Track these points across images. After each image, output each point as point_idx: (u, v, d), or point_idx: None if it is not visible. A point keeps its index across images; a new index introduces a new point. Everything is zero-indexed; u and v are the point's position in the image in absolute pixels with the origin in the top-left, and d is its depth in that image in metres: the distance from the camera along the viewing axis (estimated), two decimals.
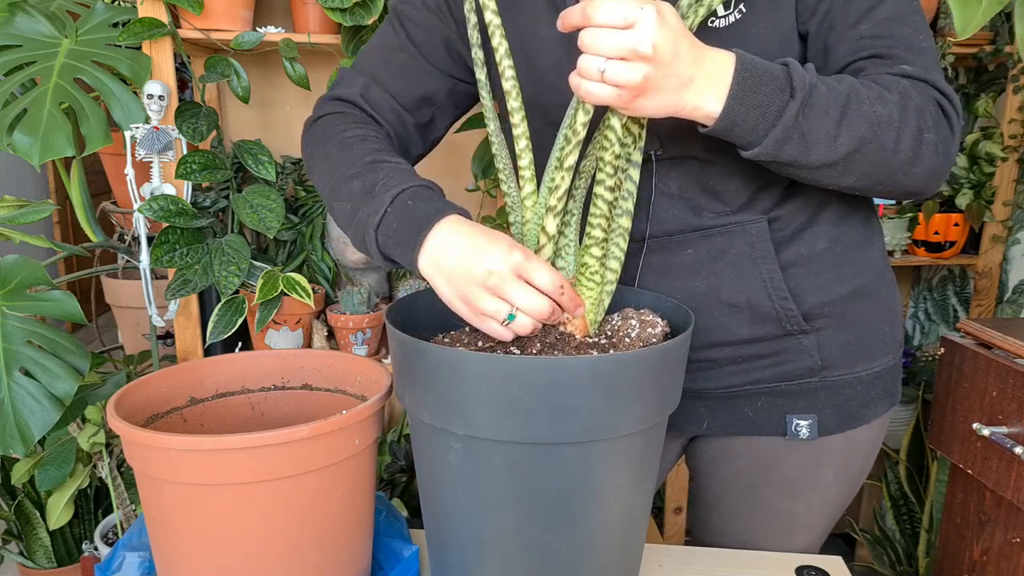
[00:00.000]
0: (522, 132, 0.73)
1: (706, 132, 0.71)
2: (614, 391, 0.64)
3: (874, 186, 0.75)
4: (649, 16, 0.61)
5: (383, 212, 0.73)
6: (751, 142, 0.70)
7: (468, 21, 0.77)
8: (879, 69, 0.75)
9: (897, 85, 0.73)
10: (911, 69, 0.75)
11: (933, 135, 0.74)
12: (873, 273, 0.89)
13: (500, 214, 1.70)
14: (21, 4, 1.31)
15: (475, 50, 0.77)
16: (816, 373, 0.88)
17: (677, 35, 0.63)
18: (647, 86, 0.63)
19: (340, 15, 1.44)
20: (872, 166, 0.73)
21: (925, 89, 0.74)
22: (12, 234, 1.35)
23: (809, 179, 0.75)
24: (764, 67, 0.69)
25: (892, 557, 1.97)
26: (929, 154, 0.74)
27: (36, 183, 3.48)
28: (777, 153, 0.71)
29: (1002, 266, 1.92)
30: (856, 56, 0.77)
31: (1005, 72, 1.80)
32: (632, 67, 0.62)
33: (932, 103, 0.74)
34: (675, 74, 0.64)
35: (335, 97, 0.90)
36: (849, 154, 0.71)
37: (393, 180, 0.75)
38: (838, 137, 0.70)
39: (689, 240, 0.86)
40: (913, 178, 0.75)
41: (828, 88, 0.70)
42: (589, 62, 0.63)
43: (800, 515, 0.94)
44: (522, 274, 0.67)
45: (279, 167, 1.66)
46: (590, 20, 0.62)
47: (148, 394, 0.82)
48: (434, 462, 0.72)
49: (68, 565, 1.66)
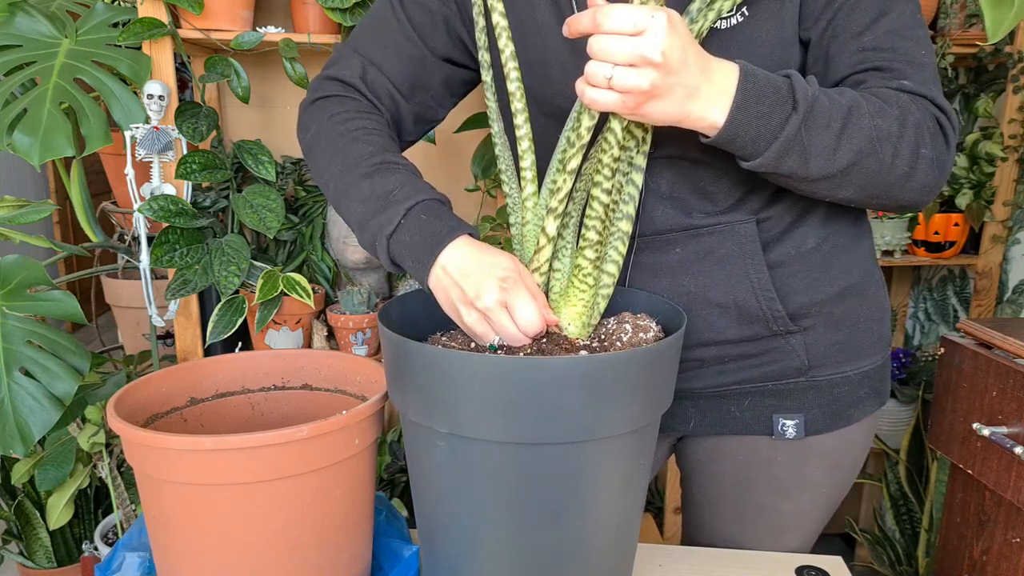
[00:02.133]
0: (525, 133, 0.73)
1: (708, 142, 0.71)
2: (599, 392, 0.64)
3: (869, 199, 0.76)
4: (660, 23, 0.61)
5: (397, 223, 0.75)
6: (752, 153, 0.70)
7: (476, 24, 0.77)
8: (879, 82, 0.76)
9: (897, 100, 0.73)
10: (911, 84, 0.75)
11: (930, 151, 0.74)
12: (862, 272, 0.89)
13: (500, 214, 1.70)
14: (21, 4, 1.31)
15: (482, 52, 0.77)
16: (803, 373, 0.88)
17: (686, 44, 0.63)
18: (653, 93, 0.63)
19: (340, 15, 1.44)
20: (869, 180, 0.73)
21: (924, 105, 0.75)
22: (12, 234, 1.35)
23: (807, 191, 0.75)
24: (767, 79, 0.69)
25: (892, 557, 1.97)
26: (925, 169, 0.74)
27: (36, 183, 3.48)
28: (777, 165, 0.71)
29: (1002, 266, 1.92)
30: (857, 68, 0.77)
31: (1005, 72, 1.80)
32: (640, 73, 0.62)
33: (930, 119, 0.75)
34: (682, 83, 0.64)
35: (333, 77, 0.89)
36: (847, 167, 0.72)
37: (407, 190, 0.77)
38: (837, 150, 0.71)
39: (678, 239, 0.86)
40: (908, 192, 0.75)
41: (830, 101, 0.71)
42: (597, 68, 0.63)
43: (789, 515, 0.94)
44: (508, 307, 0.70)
45: (279, 167, 1.66)
46: (600, 27, 0.62)
47: (148, 394, 0.82)
48: (422, 461, 0.73)
49: (68, 565, 1.66)
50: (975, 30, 1.77)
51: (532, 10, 0.84)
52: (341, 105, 0.86)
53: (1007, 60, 1.78)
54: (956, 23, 1.76)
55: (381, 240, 0.76)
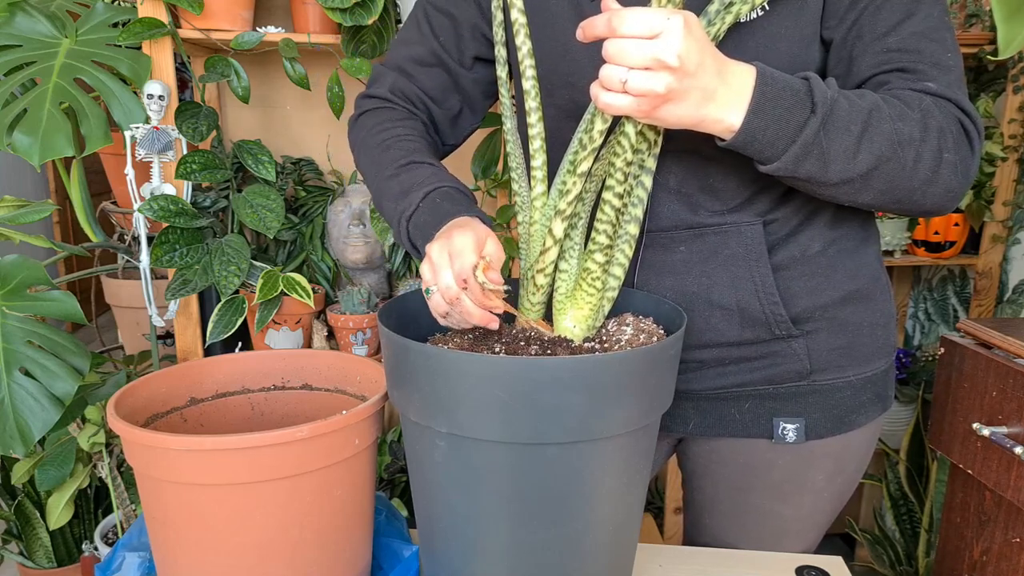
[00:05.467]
0: (537, 132, 0.72)
1: (724, 146, 0.70)
2: (596, 393, 0.64)
3: (891, 204, 0.75)
4: (676, 26, 0.60)
5: (416, 207, 0.79)
6: (769, 157, 0.70)
7: (494, 19, 0.78)
8: (902, 84, 0.74)
9: (919, 102, 0.72)
10: (935, 86, 0.74)
11: (953, 155, 0.73)
12: (867, 277, 0.88)
13: (500, 214, 1.70)
14: (21, 4, 1.31)
15: (498, 47, 0.77)
16: (805, 377, 0.87)
17: (702, 47, 0.63)
18: (669, 97, 0.63)
19: (340, 15, 1.44)
20: (890, 184, 0.72)
21: (948, 108, 0.74)
22: (12, 234, 1.35)
23: (826, 195, 0.75)
24: (785, 81, 0.68)
25: (892, 557, 1.97)
26: (948, 174, 0.73)
27: (36, 183, 3.47)
28: (795, 169, 0.70)
29: (1002, 266, 1.92)
30: (880, 69, 0.76)
31: (1005, 72, 1.80)
32: (655, 76, 0.61)
33: (954, 122, 0.73)
34: (698, 86, 0.64)
35: (370, 95, 0.95)
36: (868, 172, 0.71)
37: (430, 180, 0.81)
38: (857, 154, 0.70)
39: (683, 237, 0.85)
40: (930, 197, 0.74)
41: (850, 104, 0.69)
42: (612, 72, 0.62)
43: (790, 519, 0.94)
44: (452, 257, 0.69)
45: (279, 167, 1.66)
46: (616, 31, 0.61)
47: (148, 394, 0.82)
48: (421, 460, 0.73)
49: (68, 565, 1.66)
50: (975, 30, 1.77)
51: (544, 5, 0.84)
52: (378, 116, 0.91)
53: (1007, 60, 1.78)
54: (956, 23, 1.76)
55: (402, 224, 0.80)
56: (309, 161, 1.76)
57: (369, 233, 1.64)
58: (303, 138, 1.81)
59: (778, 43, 0.77)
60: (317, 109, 1.79)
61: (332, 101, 1.57)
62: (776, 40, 0.77)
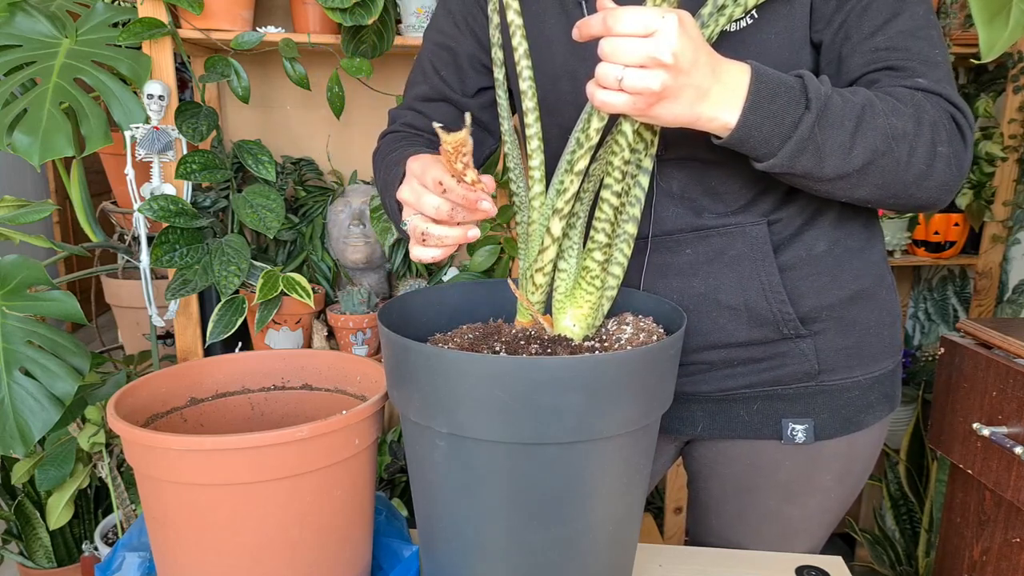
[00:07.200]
0: (535, 132, 0.73)
1: (720, 143, 0.70)
2: (599, 392, 0.64)
3: (886, 199, 0.75)
4: (671, 25, 0.60)
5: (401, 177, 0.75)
6: (765, 154, 0.70)
7: (490, 21, 0.78)
8: (893, 81, 0.75)
9: (911, 98, 0.73)
10: (925, 82, 0.74)
11: (947, 148, 0.73)
12: (873, 276, 0.88)
13: (499, 214, 1.70)
14: (21, 4, 1.31)
15: (495, 49, 0.78)
16: (813, 377, 0.87)
17: (697, 45, 0.63)
18: (664, 95, 0.63)
19: (340, 15, 1.44)
20: (885, 179, 0.72)
21: (939, 103, 0.74)
22: (12, 234, 1.35)
23: (822, 191, 0.75)
24: (779, 78, 0.69)
25: (892, 557, 1.97)
26: (942, 168, 0.74)
27: (36, 183, 3.47)
28: (791, 165, 0.70)
29: (1002, 266, 1.92)
30: (870, 68, 0.76)
31: (1005, 72, 1.80)
32: (651, 74, 0.62)
33: (946, 117, 0.74)
34: (693, 84, 0.64)
35: (388, 132, 0.98)
36: (863, 167, 0.71)
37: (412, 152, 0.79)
38: (852, 149, 0.70)
39: (688, 240, 0.86)
40: (926, 191, 0.74)
41: (843, 100, 0.70)
42: (607, 70, 0.62)
43: (797, 519, 0.94)
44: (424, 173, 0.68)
45: (279, 167, 1.66)
46: (611, 30, 0.61)
47: (148, 394, 0.82)
48: (422, 460, 0.73)
49: (68, 565, 1.66)
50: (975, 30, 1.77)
51: (540, 25, 0.85)
52: (393, 143, 0.94)
53: (1007, 60, 1.78)
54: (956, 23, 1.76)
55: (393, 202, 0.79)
56: (309, 161, 1.76)
57: (369, 233, 1.64)
58: (303, 138, 1.82)
59: (769, 50, 0.77)
60: (317, 109, 1.79)
61: (332, 101, 1.57)
62: (767, 47, 0.77)
